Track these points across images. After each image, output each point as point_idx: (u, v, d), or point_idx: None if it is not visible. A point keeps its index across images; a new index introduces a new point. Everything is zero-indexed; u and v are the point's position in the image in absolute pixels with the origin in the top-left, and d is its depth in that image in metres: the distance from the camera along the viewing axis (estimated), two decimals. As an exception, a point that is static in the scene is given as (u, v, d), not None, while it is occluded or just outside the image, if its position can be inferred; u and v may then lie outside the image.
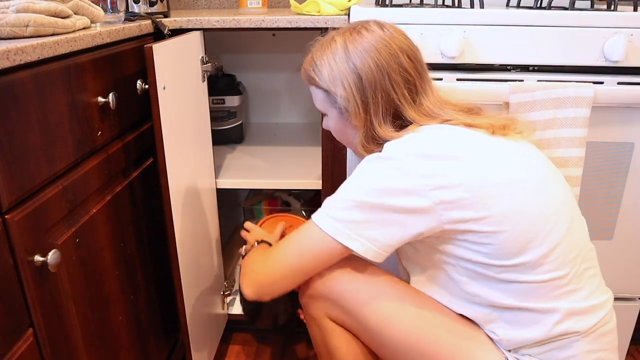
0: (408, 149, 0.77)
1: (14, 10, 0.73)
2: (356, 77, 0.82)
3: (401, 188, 0.75)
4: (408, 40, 0.86)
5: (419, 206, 0.75)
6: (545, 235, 0.75)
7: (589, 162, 1.15)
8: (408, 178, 0.75)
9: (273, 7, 1.69)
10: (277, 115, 1.84)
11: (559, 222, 0.76)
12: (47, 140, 0.71)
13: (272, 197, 1.63)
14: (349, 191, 0.79)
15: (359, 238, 0.78)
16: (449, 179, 0.74)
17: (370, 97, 0.82)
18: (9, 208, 0.63)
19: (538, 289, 0.76)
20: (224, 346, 1.47)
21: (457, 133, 0.79)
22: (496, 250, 0.75)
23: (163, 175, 0.95)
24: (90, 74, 0.83)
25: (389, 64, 0.82)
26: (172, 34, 1.11)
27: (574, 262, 0.77)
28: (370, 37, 0.83)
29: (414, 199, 0.75)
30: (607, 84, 1.08)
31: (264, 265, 0.87)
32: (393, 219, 0.76)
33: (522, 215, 0.74)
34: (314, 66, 0.88)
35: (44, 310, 0.70)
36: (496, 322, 0.80)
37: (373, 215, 0.77)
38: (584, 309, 0.77)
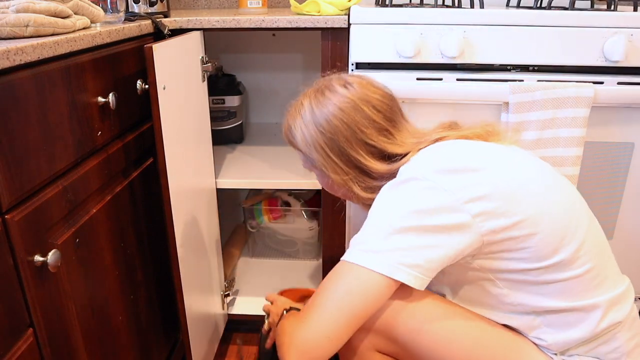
0: (432, 167, 0.75)
1: (14, 10, 0.73)
2: (327, 138, 0.85)
3: (437, 207, 0.72)
4: (374, 89, 0.88)
5: (457, 222, 0.72)
6: (575, 230, 0.76)
7: (589, 162, 1.15)
8: (441, 195, 0.72)
9: (273, 7, 1.69)
10: (277, 115, 1.84)
11: (580, 217, 0.78)
12: (47, 140, 0.71)
13: (272, 197, 1.63)
14: (383, 221, 0.74)
15: (401, 267, 0.72)
16: (479, 189, 0.73)
17: (352, 151, 0.85)
18: (9, 208, 0.63)
19: (576, 285, 0.76)
20: (224, 346, 1.47)
21: (466, 145, 0.81)
22: (533, 253, 0.75)
23: (163, 175, 0.95)
24: (90, 74, 0.83)
25: (354, 120, 0.84)
26: (172, 34, 1.12)
27: (600, 253, 0.79)
28: (333, 99, 0.86)
29: (451, 215, 0.72)
30: (607, 84, 1.08)
31: (307, 327, 0.75)
32: (433, 240, 0.73)
33: (551, 213, 0.75)
34: (290, 130, 0.92)
35: (44, 310, 0.70)
36: (540, 328, 0.80)
37: (413, 239, 0.73)
38: (619, 296, 0.79)
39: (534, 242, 0.74)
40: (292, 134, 0.91)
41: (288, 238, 1.70)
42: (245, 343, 1.49)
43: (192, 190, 1.13)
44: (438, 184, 0.73)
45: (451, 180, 0.73)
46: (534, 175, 0.78)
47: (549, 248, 0.75)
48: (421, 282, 0.73)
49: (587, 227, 0.78)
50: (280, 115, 1.84)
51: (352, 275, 0.74)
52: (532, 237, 0.74)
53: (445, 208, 0.72)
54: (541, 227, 0.74)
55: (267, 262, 1.73)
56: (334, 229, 1.31)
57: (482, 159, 0.77)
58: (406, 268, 0.72)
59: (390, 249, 0.73)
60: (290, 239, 1.71)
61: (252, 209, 1.61)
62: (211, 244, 1.30)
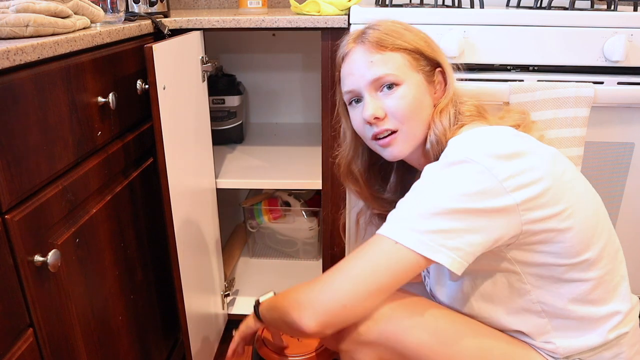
0: (484, 150, 0.73)
1: (14, 10, 0.73)
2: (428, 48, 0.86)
3: (486, 190, 0.71)
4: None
5: (502, 206, 0.71)
6: (601, 231, 0.77)
7: (589, 162, 1.15)
8: (491, 180, 0.71)
9: (273, 7, 1.69)
10: (277, 115, 1.84)
11: (604, 219, 0.80)
12: (47, 140, 0.71)
13: (272, 197, 1.63)
14: (430, 200, 0.72)
15: (442, 249, 0.70)
16: (527, 176, 0.72)
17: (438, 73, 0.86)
18: (9, 208, 0.63)
19: (596, 287, 0.77)
20: (224, 346, 1.47)
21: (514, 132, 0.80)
22: (566, 248, 0.74)
23: (163, 175, 0.95)
24: (90, 74, 0.83)
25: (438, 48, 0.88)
26: (172, 34, 1.12)
27: (616, 254, 0.80)
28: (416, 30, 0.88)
29: (498, 200, 0.71)
30: (607, 84, 1.08)
31: (324, 290, 0.74)
32: (478, 224, 0.71)
33: (586, 210, 0.76)
34: (390, 35, 0.84)
35: (44, 310, 0.70)
36: (550, 333, 0.80)
37: (459, 222, 0.71)
38: (630, 309, 0.80)
39: (568, 237, 0.74)
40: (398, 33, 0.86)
41: (288, 238, 1.70)
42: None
43: (192, 190, 1.13)
44: (490, 169, 0.71)
45: (502, 166, 0.71)
46: (572, 168, 0.79)
47: (581, 245, 0.75)
48: (459, 265, 0.71)
49: (608, 229, 0.80)
50: (281, 115, 1.84)
51: (387, 249, 0.72)
52: (567, 231, 0.74)
53: (493, 192, 0.70)
54: (577, 222, 0.74)
55: (267, 262, 1.73)
56: (334, 229, 1.31)
57: (531, 146, 0.76)
58: (447, 250, 0.70)
59: (434, 229, 0.71)
60: (290, 239, 1.71)
61: (252, 209, 1.61)
62: (211, 244, 1.30)
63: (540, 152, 0.76)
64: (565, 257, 0.75)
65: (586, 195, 0.78)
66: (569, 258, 0.75)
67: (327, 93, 1.18)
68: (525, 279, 0.78)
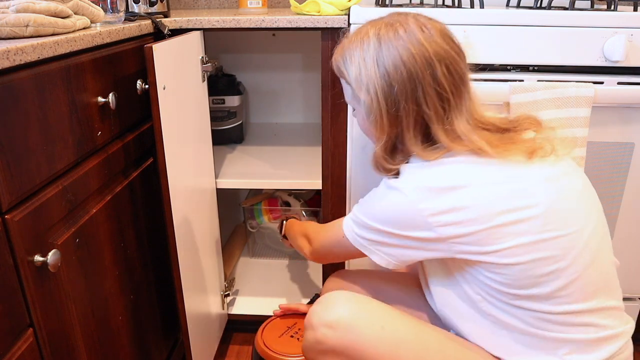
0: (417, 182, 0.74)
1: (14, 10, 0.72)
2: (386, 84, 0.76)
3: (408, 222, 0.76)
4: (450, 43, 0.77)
5: (428, 237, 0.75)
6: (563, 269, 0.72)
7: (589, 162, 1.15)
8: (415, 214, 0.74)
9: (273, 7, 1.69)
10: (277, 115, 1.84)
11: (581, 256, 0.73)
12: (47, 140, 0.71)
13: (272, 197, 1.63)
14: (367, 213, 0.82)
15: (378, 252, 0.83)
16: (455, 216, 0.72)
17: (402, 108, 0.76)
18: (9, 208, 0.63)
19: (551, 318, 0.74)
20: (224, 346, 1.47)
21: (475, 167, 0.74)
22: (510, 280, 0.73)
23: (163, 175, 0.95)
24: (90, 74, 0.83)
25: (423, 75, 0.74)
26: (172, 34, 1.11)
27: (593, 296, 0.74)
28: (406, 39, 0.75)
29: (424, 232, 0.75)
30: (607, 84, 1.08)
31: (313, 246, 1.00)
32: (406, 243, 0.78)
33: (537, 250, 0.71)
34: (344, 59, 0.81)
35: (44, 310, 0.70)
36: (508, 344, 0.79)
37: (387, 239, 0.80)
38: (594, 342, 0.75)
39: (511, 272, 0.72)
40: (346, 65, 0.81)
41: None
42: (244, 343, 1.49)
43: (192, 190, 1.13)
44: (417, 202, 0.73)
45: (431, 200, 0.73)
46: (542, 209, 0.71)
47: (527, 281, 0.72)
48: (393, 266, 0.83)
49: (584, 268, 0.73)
50: (281, 115, 1.84)
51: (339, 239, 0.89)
52: (508, 267, 0.72)
53: (419, 226, 0.75)
54: (522, 260, 0.71)
55: (267, 262, 1.73)
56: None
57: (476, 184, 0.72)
58: (383, 254, 0.82)
59: (371, 239, 0.82)
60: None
61: (252, 209, 1.61)
62: (211, 244, 1.30)
63: (482, 191, 0.71)
64: (509, 287, 0.74)
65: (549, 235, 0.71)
66: (513, 289, 0.74)
67: (327, 93, 1.18)
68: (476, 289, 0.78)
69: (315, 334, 0.81)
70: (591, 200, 0.79)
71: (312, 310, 0.84)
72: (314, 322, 0.82)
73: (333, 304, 0.82)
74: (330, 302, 0.83)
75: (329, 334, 0.80)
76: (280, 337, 1.14)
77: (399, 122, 0.78)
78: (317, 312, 0.83)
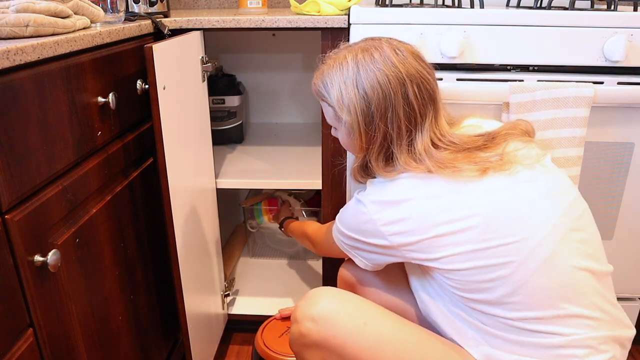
0: (371, 196, 0.83)
1: (14, 10, 0.73)
2: (365, 104, 0.81)
3: (368, 231, 0.83)
4: (421, 63, 0.82)
5: (385, 244, 0.82)
6: (507, 276, 0.73)
7: (589, 162, 1.15)
8: (372, 224, 0.82)
9: (273, 7, 1.69)
10: (277, 115, 1.84)
11: (526, 263, 0.73)
12: (47, 140, 0.71)
13: (272, 197, 1.63)
14: (342, 222, 0.90)
15: (357, 256, 0.91)
16: (402, 225, 0.79)
17: (376, 127, 0.81)
18: (9, 208, 0.63)
19: (510, 324, 0.75)
20: (224, 346, 1.47)
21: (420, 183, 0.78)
22: (459, 285, 0.78)
23: (163, 175, 0.95)
24: (90, 74, 0.83)
25: (396, 94, 0.79)
26: (172, 34, 1.11)
27: (548, 303, 0.73)
28: (381, 62, 0.80)
29: (380, 240, 0.82)
30: (607, 84, 1.08)
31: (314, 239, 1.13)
32: (374, 250, 0.85)
33: (477, 258, 0.74)
34: (325, 83, 0.86)
35: (44, 310, 0.70)
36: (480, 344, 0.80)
37: (359, 244, 0.88)
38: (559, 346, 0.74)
39: (457, 276, 0.77)
40: (327, 89, 0.86)
41: (288, 238, 1.70)
42: (244, 343, 1.49)
43: (192, 190, 1.13)
44: (372, 214, 0.82)
45: (382, 212, 0.80)
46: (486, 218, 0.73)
47: (472, 286, 0.76)
48: (371, 268, 0.91)
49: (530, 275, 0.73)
50: (281, 115, 1.84)
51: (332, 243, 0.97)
52: (453, 272, 0.77)
53: (374, 234, 0.83)
54: (464, 266, 0.75)
55: (267, 262, 1.73)
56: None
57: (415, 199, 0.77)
58: (360, 258, 0.90)
59: (348, 244, 0.91)
60: (291, 238, 1.71)
61: (252, 209, 1.61)
62: (211, 244, 1.30)
63: (423, 203, 0.77)
64: (461, 290, 0.78)
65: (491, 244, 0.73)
66: (465, 292, 0.78)
67: (327, 93, 1.18)
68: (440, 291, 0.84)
69: (300, 327, 0.85)
70: (550, 207, 0.76)
71: (298, 304, 0.88)
72: (299, 316, 0.85)
73: (317, 298, 0.86)
74: (315, 297, 0.86)
75: (312, 328, 0.83)
76: (280, 337, 1.14)
77: (373, 140, 0.84)
78: (302, 306, 0.86)
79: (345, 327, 0.82)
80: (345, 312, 0.83)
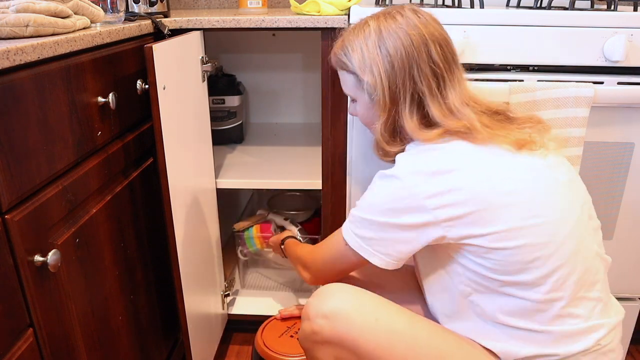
0: (412, 167, 0.78)
1: (14, 10, 0.73)
2: (387, 63, 0.81)
3: (405, 208, 0.78)
4: (442, 28, 0.85)
5: (424, 222, 0.77)
6: (548, 256, 0.74)
7: (589, 162, 1.15)
8: (412, 198, 0.76)
9: (273, 7, 1.69)
10: (277, 115, 1.84)
11: (564, 244, 0.75)
12: (47, 140, 0.71)
13: (265, 221, 1.51)
14: (363, 208, 0.84)
15: (377, 254, 0.83)
16: (452, 197, 0.74)
17: (400, 85, 0.81)
18: (9, 208, 0.63)
19: (535, 307, 0.76)
20: (224, 346, 1.47)
21: (467, 151, 0.77)
22: (497, 265, 0.76)
23: (163, 175, 0.95)
24: (90, 74, 0.83)
25: (419, 53, 0.81)
26: (172, 34, 1.11)
27: (575, 285, 0.76)
28: (404, 23, 0.82)
29: (420, 216, 0.77)
30: (607, 84, 1.08)
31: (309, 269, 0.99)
32: (405, 236, 0.80)
33: (522, 236, 0.74)
34: (345, 50, 0.87)
35: (44, 310, 0.70)
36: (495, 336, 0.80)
37: (383, 233, 0.81)
38: (578, 333, 0.77)
39: (500, 256, 0.75)
40: (348, 55, 0.86)
41: (284, 268, 1.56)
42: (244, 343, 1.49)
43: (192, 190, 1.13)
44: (412, 187, 0.76)
45: (426, 184, 0.76)
46: (529, 195, 0.75)
47: (514, 267, 0.75)
48: (392, 266, 0.84)
49: (567, 257, 0.75)
50: (281, 115, 1.84)
51: (341, 247, 0.88)
52: (498, 251, 0.75)
53: (413, 208, 0.77)
54: (511, 244, 0.74)
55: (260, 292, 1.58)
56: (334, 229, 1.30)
57: (471, 167, 0.75)
58: (381, 255, 0.83)
59: (370, 237, 0.83)
60: (287, 268, 1.56)
61: (243, 235, 1.45)
62: (211, 244, 1.30)
63: (478, 176, 0.75)
64: (497, 273, 0.76)
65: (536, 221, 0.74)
66: (501, 275, 0.76)
67: (327, 93, 1.18)
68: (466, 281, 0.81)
69: (311, 324, 0.84)
70: (575, 194, 0.81)
71: (309, 301, 0.87)
72: (310, 313, 0.84)
73: (329, 295, 0.85)
74: (326, 293, 0.85)
75: (325, 325, 0.82)
76: (280, 337, 1.14)
77: (398, 99, 0.82)
78: (314, 303, 0.85)
79: (358, 323, 0.81)
80: (358, 308, 0.82)
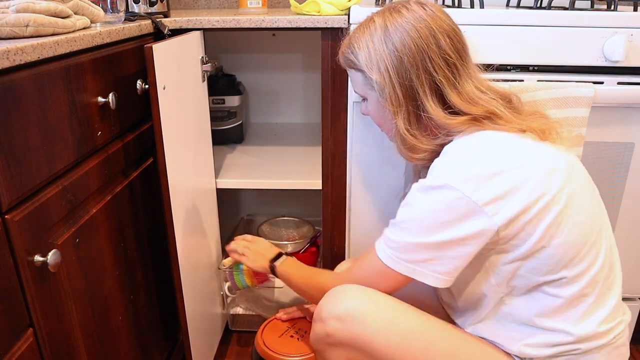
0: (463, 174, 0.74)
1: (14, 10, 0.72)
2: (395, 59, 0.80)
3: (461, 217, 0.73)
4: (450, 20, 0.83)
5: (482, 229, 0.74)
6: (586, 253, 0.76)
7: (589, 162, 1.15)
8: (470, 205, 0.73)
9: (273, 7, 1.69)
10: (277, 115, 1.84)
11: (598, 240, 0.77)
12: (47, 140, 0.71)
13: None
14: (417, 230, 0.77)
15: (429, 273, 0.78)
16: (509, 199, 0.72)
17: (415, 78, 0.80)
18: (9, 208, 0.63)
19: (567, 304, 0.77)
20: (224, 346, 1.47)
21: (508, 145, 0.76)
22: (545, 262, 0.75)
23: (163, 175, 0.95)
24: (90, 74, 0.83)
25: (428, 46, 0.79)
26: (172, 34, 1.11)
27: (603, 281, 0.77)
28: (410, 17, 0.80)
29: (478, 224, 0.73)
30: (607, 84, 1.08)
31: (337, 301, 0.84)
32: (465, 251, 0.76)
33: (569, 230, 0.74)
34: (352, 48, 0.86)
35: (44, 310, 0.70)
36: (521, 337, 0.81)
37: (437, 252, 0.76)
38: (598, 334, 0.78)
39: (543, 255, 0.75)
40: (355, 53, 0.85)
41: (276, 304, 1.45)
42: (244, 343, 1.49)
43: (192, 190, 1.13)
44: (469, 195, 0.72)
45: (483, 190, 0.72)
46: (571, 186, 0.75)
47: (554, 265, 0.75)
48: (446, 283, 0.79)
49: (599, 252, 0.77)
50: (281, 115, 1.84)
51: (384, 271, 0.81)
52: (544, 249, 0.75)
53: (472, 215, 0.73)
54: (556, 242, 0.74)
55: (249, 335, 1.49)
56: (334, 230, 1.31)
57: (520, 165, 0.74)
58: (437, 274, 0.78)
59: (415, 260, 0.78)
60: (280, 304, 1.44)
61: (232, 272, 1.26)
62: (211, 244, 1.30)
63: (531, 168, 0.74)
64: (540, 273, 0.76)
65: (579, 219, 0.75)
66: (545, 275, 0.76)
67: (327, 93, 1.18)
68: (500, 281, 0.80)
69: (325, 326, 0.82)
70: (595, 190, 0.83)
71: (322, 303, 0.85)
72: (324, 315, 0.83)
73: (342, 296, 0.83)
74: (339, 294, 0.83)
75: (339, 327, 0.81)
76: (280, 337, 1.14)
77: (414, 91, 0.80)
78: (327, 305, 0.83)
79: (373, 325, 0.80)
80: (372, 309, 0.81)
